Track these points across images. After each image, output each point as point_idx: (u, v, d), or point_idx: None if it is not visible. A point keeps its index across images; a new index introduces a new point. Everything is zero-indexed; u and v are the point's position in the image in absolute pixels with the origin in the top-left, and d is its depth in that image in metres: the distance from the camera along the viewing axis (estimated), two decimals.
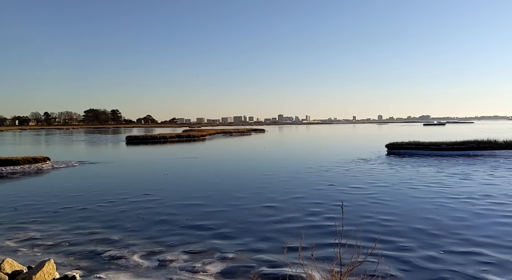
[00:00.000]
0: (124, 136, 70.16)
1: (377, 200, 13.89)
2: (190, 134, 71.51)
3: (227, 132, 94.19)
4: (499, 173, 19.58)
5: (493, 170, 20.95)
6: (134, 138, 62.04)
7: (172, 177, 21.44)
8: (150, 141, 61.32)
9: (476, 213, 11.70)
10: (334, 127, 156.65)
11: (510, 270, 7.28)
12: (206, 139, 67.75)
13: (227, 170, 24.34)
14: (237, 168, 25.58)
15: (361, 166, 23.99)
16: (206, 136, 74.22)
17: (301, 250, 8.27)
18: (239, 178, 20.44)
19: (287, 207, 13.11)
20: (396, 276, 7.19)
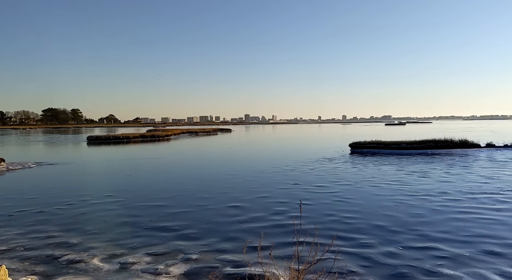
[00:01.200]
0: (85, 137, 67.91)
1: (340, 198, 14.17)
2: (155, 134, 70.15)
3: (193, 132, 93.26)
4: (454, 171, 20.48)
5: (449, 168, 21.89)
6: (96, 139, 60.17)
7: (135, 177, 20.96)
8: (112, 141, 59.68)
9: (433, 209, 12.17)
10: (300, 127, 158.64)
11: (464, 263, 7.62)
12: (171, 139, 66.75)
13: (192, 170, 24.08)
14: (202, 168, 25.35)
15: (325, 165, 24.40)
16: (171, 136, 73.14)
17: (264, 249, 8.34)
18: (204, 178, 20.26)
19: (252, 206, 13.13)
20: (357, 272, 7.36)
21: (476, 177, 18.20)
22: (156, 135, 69.11)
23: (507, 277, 6.93)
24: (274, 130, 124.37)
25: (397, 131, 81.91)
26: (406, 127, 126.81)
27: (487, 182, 16.88)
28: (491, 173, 19.47)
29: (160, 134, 71.05)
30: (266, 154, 35.17)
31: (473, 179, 17.79)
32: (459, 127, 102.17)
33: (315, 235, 9.36)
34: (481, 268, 7.32)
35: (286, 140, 62.18)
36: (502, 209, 11.86)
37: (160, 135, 69.95)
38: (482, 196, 13.93)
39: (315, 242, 7.83)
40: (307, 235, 8.11)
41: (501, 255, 8.01)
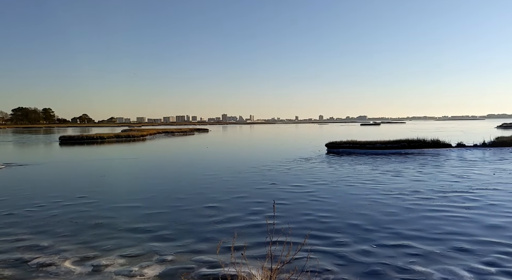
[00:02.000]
0: (58, 137, 66.06)
1: (317, 198, 14.31)
2: (130, 134, 68.95)
3: (169, 132, 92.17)
4: (426, 170, 21.01)
5: (421, 167, 22.44)
6: (69, 139, 58.65)
7: (109, 178, 20.56)
8: (86, 141, 58.33)
9: (406, 207, 12.45)
10: (277, 127, 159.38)
11: (434, 260, 7.83)
12: (147, 139, 65.82)
13: (168, 171, 23.81)
14: (178, 168, 25.11)
15: (302, 164, 24.60)
16: (146, 136, 72.08)
17: (240, 249, 8.33)
18: (180, 179, 20.07)
19: (229, 206, 13.09)
20: (332, 270, 7.44)
21: (447, 176, 18.72)
22: (131, 136, 67.97)
23: (475, 272, 7.16)
24: (251, 130, 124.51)
25: (372, 132, 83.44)
26: (380, 127, 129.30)
27: (457, 180, 17.39)
28: (461, 172, 20.08)
29: (136, 134, 69.90)
30: (244, 154, 35.16)
31: (444, 177, 18.29)
32: (432, 128, 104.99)
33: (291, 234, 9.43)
34: (450, 265, 7.53)
35: (263, 140, 62.36)
36: (471, 207, 12.24)
37: (136, 136, 68.82)
38: (452, 194, 14.34)
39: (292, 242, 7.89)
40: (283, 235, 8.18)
41: (469, 251, 8.26)
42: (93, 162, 29.50)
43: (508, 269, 7.26)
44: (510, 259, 7.74)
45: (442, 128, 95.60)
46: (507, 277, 6.96)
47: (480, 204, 12.67)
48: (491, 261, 7.67)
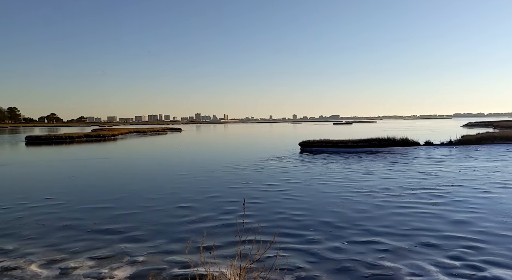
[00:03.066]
0: (24, 136, 63.75)
1: (290, 196, 14.42)
2: (100, 134, 67.27)
3: (141, 131, 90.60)
4: (396, 168, 21.55)
5: (391, 165, 22.99)
6: (36, 139, 56.67)
7: (78, 179, 20.01)
8: (54, 141, 56.54)
9: (376, 205, 12.72)
10: (251, 126, 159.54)
11: (403, 255, 8.04)
12: (118, 139, 64.50)
13: (140, 171, 23.41)
14: (151, 168, 24.73)
15: (276, 163, 24.72)
16: (117, 136, 70.63)
17: (216, 248, 8.30)
18: (152, 179, 19.78)
19: (202, 206, 13.00)
20: (304, 268, 7.52)
21: (416, 173, 19.26)
22: (102, 135, 66.37)
23: (441, 267, 7.40)
24: (225, 129, 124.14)
25: (345, 130, 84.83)
26: (353, 126, 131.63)
27: (425, 177, 17.92)
28: (429, 169, 20.70)
29: (106, 134, 68.31)
30: (217, 153, 35.02)
31: (413, 175, 18.80)
32: (401, 127, 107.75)
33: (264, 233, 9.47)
34: (418, 260, 7.76)
35: (237, 139, 62.29)
36: (438, 203, 12.64)
37: (106, 135, 67.26)
38: (420, 191, 14.76)
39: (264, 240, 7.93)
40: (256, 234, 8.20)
41: (436, 246, 8.53)
42: (62, 163, 28.64)
43: (472, 263, 7.55)
44: (473, 253, 8.04)
45: (411, 127, 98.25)
46: (470, 270, 7.23)
47: (446, 200, 13.10)
48: (456, 255, 7.95)
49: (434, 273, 7.07)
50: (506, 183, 15.83)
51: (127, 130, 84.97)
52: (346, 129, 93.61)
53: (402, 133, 40.73)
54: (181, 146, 45.00)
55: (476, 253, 8.02)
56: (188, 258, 7.72)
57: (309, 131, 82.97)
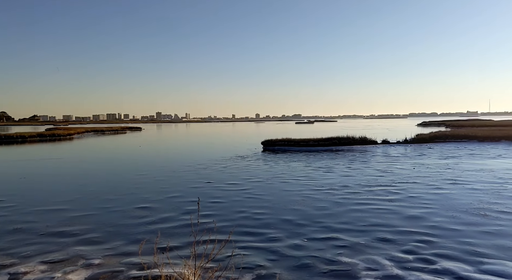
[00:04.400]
0: None
1: (252, 195, 14.44)
2: (55, 133, 64.33)
3: (99, 130, 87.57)
4: (355, 166, 22.14)
5: (350, 163, 23.60)
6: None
7: (30, 180, 19.06)
8: (4, 140, 53.52)
9: (335, 202, 13.00)
10: (214, 126, 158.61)
11: (360, 251, 8.26)
12: (74, 138, 62.07)
13: (97, 171, 22.65)
14: (108, 168, 23.98)
15: (238, 162, 24.70)
16: (73, 135, 67.91)
17: (173, 249, 8.16)
18: (110, 179, 19.19)
19: (162, 207, 12.76)
20: (264, 266, 7.55)
21: (373, 171, 19.88)
22: (57, 134, 63.54)
23: (395, 261, 7.67)
24: (187, 128, 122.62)
25: (306, 129, 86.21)
26: (314, 125, 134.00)
27: (382, 175, 18.53)
28: (385, 167, 21.43)
29: (61, 133, 65.44)
30: (179, 153, 34.52)
31: (370, 173, 19.39)
32: (360, 126, 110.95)
33: (225, 232, 9.43)
34: (374, 255, 8.00)
35: (199, 138, 61.70)
36: (394, 200, 13.10)
37: (61, 134, 64.46)
38: (377, 188, 15.24)
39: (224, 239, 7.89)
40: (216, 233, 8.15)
41: (391, 241, 8.84)
42: (13, 163, 27.18)
43: (424, 256, 7.87)
44: (425, 247, 8.40)
45: (369, 126, 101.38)
46: (422, 263, 7.54)
47: (401, 196, 13.61)
48: (409, 249, 8.26)
49: (389, 267, 7.32)
50: (456, 180, 16.66)
51: (84, 130, 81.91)
52: (308, 129, 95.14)
53: (361, 132, 41.95)
54: (141, 146, 43.96)
55: (428, 247, 8.38)
56: (146, 259, 7.55)
57: (271, 131, 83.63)
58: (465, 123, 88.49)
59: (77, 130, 75.56)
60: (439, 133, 44.56)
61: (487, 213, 11.01)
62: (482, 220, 10.28)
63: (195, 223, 9.23)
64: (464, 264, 7.37)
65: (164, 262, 6.22)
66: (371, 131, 63.26)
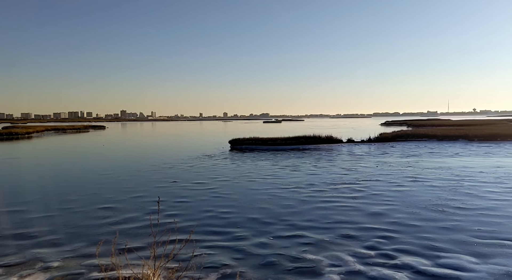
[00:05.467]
0: None
1: (218, 194, 14.38)
2: (12, 132, 61.45)
3: (60, 129, 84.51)
4: (321, 164, 22.52)
5: (316, 161, 23.97)
6: None
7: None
8: None
9: (301, 200, 13.17)
10: (180, 124, 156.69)
11: (324, 248, 8.41)
12: (33, 137, 59.58)
13: (58, 171, 21.85)
14: (70, 168, 23.19)
15: (205, 162, 24.52)
16: (32, 134, 65.16)
17: (137, 250, 7.99)
18: (72, 179, 18.56)
19: (126, 207, 12.47)
20: (230, 265, 7.54)
21: (338, 169, 20.29)
22: (14, 133, 60.75)
23: (358, 257, 7.86)
24: (153, 127, 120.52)
25: (274, 129, 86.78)
26: (282, 124, 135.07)
27: (346, 173, 18.94)
28: (350, 165, 21.92)
29: (19, 132, 62.64)
30: (144, 152, 33.87)
31: (336, 171, 19.78)
32: (326, 125, 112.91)
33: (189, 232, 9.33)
34: (338, 251, 8.16)
35: (165, 137, 60.79)
36: (357, 197, 13.43)
37: (19, 133, 61.70)
38: (342, 186, 15.57)
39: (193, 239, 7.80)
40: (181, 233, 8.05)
41: (354, 237, 9.05)
42: None
43: (385, 252, 8.12)
44: (387, 242, 8.66)
45: (335, 126, 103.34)
46: (383, 258, 7.77)
47: (364, 194, 13.97)
48: (371, 245, 8.50)
49: (352, 263, 7.49)
50: (417, 177, 17.29)
51: (43, 128, 78.67)
52: (275, 128, 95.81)
53: (327, 131, 42.67)
54: (104, 144, 42.78)
55: (389, 243, 8.65)
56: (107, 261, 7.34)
57: (239, 129, 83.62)
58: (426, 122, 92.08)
59: (37, 129, 72.49)
60: (401, 132, 46.09)
61: (445, 209, 11.49)
62: (440, 216, 10.73)
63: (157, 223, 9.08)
64: (422, 259, 7.67)
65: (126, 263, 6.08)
66: (337, 130, 64.53)
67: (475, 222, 10.07)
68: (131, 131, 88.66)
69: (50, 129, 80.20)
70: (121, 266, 5.75)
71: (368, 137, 40.26)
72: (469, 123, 75.33)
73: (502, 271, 6.96)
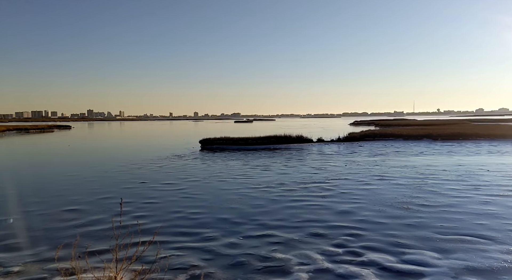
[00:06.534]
0: None
1: (188, 195, 14.23)
2: None
3: (23, 129, 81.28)
4: (291, 164, 22.71)
5: (287, 161, 24.16)
6: None
7: None
8: None
9: (271, 199, 13.23)
10: (150, 124, 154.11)
11: (293, 246, 8.49)
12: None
13: (21, 172, 21.01)
14: (33, 169, 22.33)
15: (175, 162, 24.21)
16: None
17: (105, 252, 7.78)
18: (35, 181, 17.88)
19: (92, 208, 12.13)
20: (199, 266, 7.47)
21: (308, 168, 20.52)
22: None
23: (326, 254, 7.98)
24: (121, 127, 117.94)
25: (246, 128, 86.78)
26: (253, 124, 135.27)
27: (316, 172, 19.19)
28: (320, 164, 22.22)
29: None
30: (112, 152, 33.09)
31: (306, 170, 20.00)
32: (297, 125, 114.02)
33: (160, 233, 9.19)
34: (307, 249, 8.26)
35: (134, 137, 59.63)
36: (326, 196, 13.63)
37: None
38: (312, 185, 15.76)
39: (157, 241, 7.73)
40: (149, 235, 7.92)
41: (323, 236, 9.18)
42: None
43: (352, 249, 8.28)
44: (354, 240, 8.84)
45: (306, 125, 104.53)
46: (351, 256, 7.92)
47: (333, 192, 14.19)
48: (339, 243, 8.65)
49: (320, 261, 7.59)
50: (383, 175, 17.74)
51: (5, 128, 75.48)
52: (247, 127, 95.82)
53: (297, 131, 43.07)
54: (70, 145, 41.47)
55: (356, 240, 8.82)
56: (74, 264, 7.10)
57: (210, 129, 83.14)
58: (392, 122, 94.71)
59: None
60: (369, 132, 47.20)
61: (410, 206, 11.85)
62: (405, 213, 11.05)
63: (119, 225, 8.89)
64: (388, 255, 7.87)
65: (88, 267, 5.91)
66: (307, 130, 65.27)
67: (438, 218, 10.44)
68: (98, 131, 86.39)
69: (12, 129, 77.03)
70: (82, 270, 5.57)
71: (338, 137, 40.96)
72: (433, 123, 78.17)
73: (462, 265, 7.24)
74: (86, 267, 6.33)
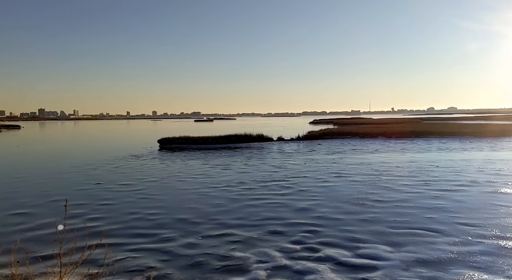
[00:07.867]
0: None
1: (145, 195, 13.91)
2: None
3: None
4: (251, 162, 22.76)
5: (247, 160, 24.19)
6: None
7: None
8: None
9: (231, 198, 13.19)
10: (106, 123, 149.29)
11: (253, 245, 8.51)
12: None
13: None
14: None
15: (132, 162, 23.59)
16: None
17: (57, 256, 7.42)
18: None
19: (42, 212, 11.57)
20: (156, 267, 7.31)
21: (269, 167, 20.66)
22: None
23: (285, 252, 8.06)
24: (75, 126, 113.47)
25: (206, 127, 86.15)
26: (213, 123, 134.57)
27: (276, 170, 19.35)
28: (280, 162, 22.44)
29: None
30: (65, 153, 31.74)
31: (266, 169, 20.12)
32: (258, 123, 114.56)
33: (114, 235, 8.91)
34: (265, 247, 8.30)
35: (89, 137, 57.53)
36: (286, 194, 13.78)
37: None
38: (271, 183, 15.87)
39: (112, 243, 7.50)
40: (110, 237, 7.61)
41: (282, 233, 9.28)
42: None
43: (310, 245, 8.42)
44: (312, 236, 8.99)
45: (266, 124, 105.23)
46: (308, 252, 8.05)
47: (292, 190, 14.37)
48: (297, 240, 8.76)
49: (278, 258, 7.66)
50: (341, 173, 18.19)
51: None
52: (207, 126, 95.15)
53: (258, 130, 43.21)
54: (18, 145, 39.32)
55: (314, 236, 8.98)
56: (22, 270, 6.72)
57: (169, 129, 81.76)
58: (350, 121, 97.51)
59: None
60: (327, 130, 48.30)
61: (365, 202, 12.22)
62: (360, 209, 11.38)
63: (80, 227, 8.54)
64: (344, 250, 8.07)
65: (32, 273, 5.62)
66: (268, 129, 65.74)
67: (391, 213, 10.83)
68: (50, 131, 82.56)
69: None
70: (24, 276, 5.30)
71: (297, 136, 41.54)
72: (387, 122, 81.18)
73: (413, 258, 7.55)
74: (32, 273, 6.00)
